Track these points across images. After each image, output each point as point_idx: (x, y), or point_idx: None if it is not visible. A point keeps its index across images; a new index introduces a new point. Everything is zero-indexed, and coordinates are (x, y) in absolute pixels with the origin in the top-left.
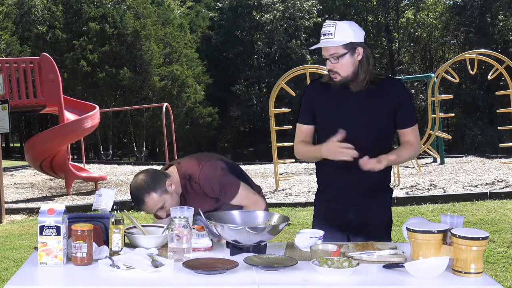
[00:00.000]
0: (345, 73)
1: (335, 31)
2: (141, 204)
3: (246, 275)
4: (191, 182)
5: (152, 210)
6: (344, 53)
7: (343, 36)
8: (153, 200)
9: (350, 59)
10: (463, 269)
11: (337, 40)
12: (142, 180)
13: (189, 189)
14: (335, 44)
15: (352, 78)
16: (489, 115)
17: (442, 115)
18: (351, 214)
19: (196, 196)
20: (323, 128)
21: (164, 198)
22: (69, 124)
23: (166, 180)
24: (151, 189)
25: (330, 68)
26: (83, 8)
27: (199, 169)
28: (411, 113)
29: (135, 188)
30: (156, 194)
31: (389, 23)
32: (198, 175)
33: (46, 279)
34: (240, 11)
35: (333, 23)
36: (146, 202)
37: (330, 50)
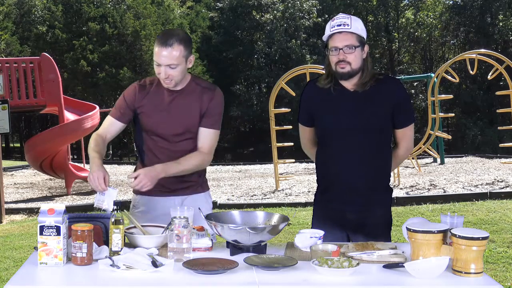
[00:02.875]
0: (355, 65)
1: (351, 23)
2: (168, 43)
3: (246, 275)
4: (197, 81)
5: (168, 59)
6: (358, 45)
7: (358, 30)
8: (179, 51)
9: (360, 53)
10: (463, 269)
11: (354, 31)
12: (182, 31)
13: (189, 88)
14: (355, 31)
15: (357, 72)
16: (489, 115)
17: (442, 115)
18: (351, 213)
19: (189, 97)
20: (322, 129)
21: (182, 60)
22: (69, 124)
23: (191, 53)
24: (185, 43)
25: (342, 58)
26: (83, 8)
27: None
28: (408, 113)
29: (172, 31)
30: (184, 49)
31: (389, 23)
32: (212, 86)
33: (46, 279)
34: (240, 11)
35: (348, 16)
36: (173, 46)
37: (347, 39)
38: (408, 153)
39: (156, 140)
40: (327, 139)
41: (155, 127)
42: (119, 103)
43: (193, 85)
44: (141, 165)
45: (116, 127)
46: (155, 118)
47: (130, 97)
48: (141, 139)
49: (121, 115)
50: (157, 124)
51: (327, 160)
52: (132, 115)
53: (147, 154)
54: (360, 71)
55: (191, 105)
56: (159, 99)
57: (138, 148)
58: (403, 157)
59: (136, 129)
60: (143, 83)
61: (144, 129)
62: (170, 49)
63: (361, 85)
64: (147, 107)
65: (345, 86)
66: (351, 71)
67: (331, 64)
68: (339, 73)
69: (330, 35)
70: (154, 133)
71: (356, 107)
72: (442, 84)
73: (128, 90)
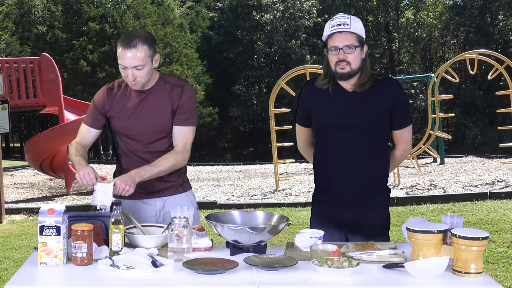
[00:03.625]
0: (354, 65)
1: (351, 23)
2: (131, 45)
3: (246, 275)
4: (165, 79)
5: (133, 60)
6: (357, 45)
7: (358, 30)
8: (143, 51)
9: (360, 53)
10: (463, 269)
11: (353, 31)
12: (144, 31)
13: (158, 86)
14: (355, 31)
15: (357, 72)
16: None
17: (442, 115)
18: (348, 214)
19: (158, 96)
20: (319, 129)
21: (148, 60)
22: (69, 124)
23: (156, 52)
24: (148, 42)
25: (342, 58)
26: (83, 8)
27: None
28: (406, 114)
29: (134, 32)
30: (148, 49)
31: (389, 23)
32: (181, 82)
33: (46, 279)
34: (240, 11)
35: (347, 15)
36: (137, 47)
37: (347, 39)
38: (405, 155)
39: (130, 142)
40: (324, 139)
41: (126, 130)
42: (90, 109)
43: (161, 83)
44: (119, 168)
45: (92, 134)
46: (125, 121)
47: (99, 102)
48: (115, 142)
49: (93, 121)
50: (128, 127)
51: (324, 160)
52: (104, 119)
53: (123, 156)
54: (359, 71)
55: (161, 104)
56: (128, 101)
57: (115, 151)
58: (401, 158)
59: (112, 134)
60: (112, 86)
61: (117, 132)
62: (135, 50)
63: (359, 86)
64: (116, 110)
65: (343, 86)
66: (351, 71)
67: (330, 64)
68: (339, 73)
69: (330, 35)
70: (126, 135)
71: (354, 107)
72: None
73: (97, 95)
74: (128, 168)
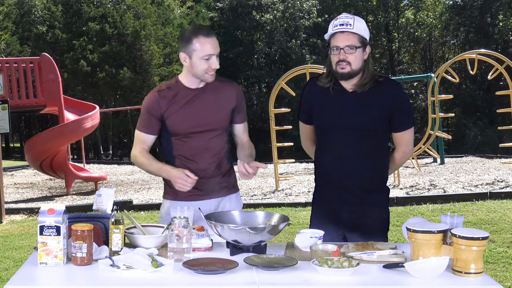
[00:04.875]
0: (355, 66)
1: (353, 23)
2: (211, 33)
3: (246, 275)
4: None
5: (217, 47)
6: (359, 46)
7: (360, 30)
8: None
9: (361, 54)
10: (463, 269)
11: (356, 31)
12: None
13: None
14: (356, 31)
15: (358, 73)
16: (489, 115)
17: (442, 115)
18: (346, 213)
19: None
20: (319, 128)
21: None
22: (69, 124)
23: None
24: None
25: (343, 58)
26: (83, 8)
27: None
28: (407, 117)
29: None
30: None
31: (389, 23)
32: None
33: (46, 279)
34: (240, 11)
35: (351, 16)
36: (214, 36)
37: (349, 39)
38: (406, 157)
39: (187, 141)
40: (324, 138)
41: (185, 128)
42: (142, 116)
43: (213, 81)
44: None
45: (150, 141)
46: (183, 118)
47: (153, 107)
48: (169, 145)
49: (149, 127)
50: (188, 125)
51: (323, 159)
52: (159, 123)
53: (179, 159)
54: (361, 72)
55: (218, 101)
56: (183, 100)
57: (166, 155)
58: (401, 161)
59: (162, 138)
60: (161, 88)
61: (174, 134)
62: (215, 39)
63: (360, 86)
64: (173, 111)
65: (344, 86)
66: (351, 71)
67: (332, 64)
68: (339, 73)
69: (332, 34)
70: (184, 134)
71: (353, 107)
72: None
73: (149, 100)
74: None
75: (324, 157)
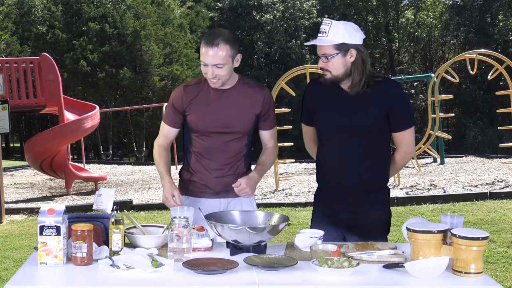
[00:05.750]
0: (335, 72)
1: (329, 30)
2: (214, 44)
3: (246, 275)
4: (245, 81)
5: (215, 58)
6: (335, 53)
7: (336, 36)
8: (225, 50)
9: (341, 60)
10: (463, 269)
11: (329, 40)
12: (228, 31)
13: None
14: (326, 43)
15: (342, 78)
16: (489, 115)
17: (442, 115)
18: (345, 214)
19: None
20: (320, 128)
21: (229, 60)
22: (69, 124)
23: (238, 52)
24: (230, 42)
25: (322, 66)
26: (83, 8)
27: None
28: (406, 117)
29: (218, 31)
30: (230, 49)
31: (389, 23)
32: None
33: (46, 279)
34: (240, 11)
35: (329, 22)
36: (219, 46)
37: (322, 49)
38: (407, 158)
39: (206, 140)
40: (324, 138)
41: (205, 128)
42: (168, 109)
43: (241, 84)
44: (187, 168)
45: (173, 133)
46: (204, 117)
47: (178, 101)
48: (189, 141)
49: (173, 120)
50: (208, 124)
51: (324, 159)
52: (182, 118)
53: (194, 156)
54: (347, 76)
55: (243, 105)
56: (207, 99)
57: (185, 150)
58: (402, 161)
59: (185, 131)
60: (188, 83)
61: (193, 130)
62: (216, 49)
63: (353, 87)
64: (195, 107)
65: (342, 87)
66: (333, 78)
67: None
68: (325, 79)
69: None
70: (204, 133)
71: (352, 108)
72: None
73: (175, 94)
74: (196, 168)
75: (325, 158)
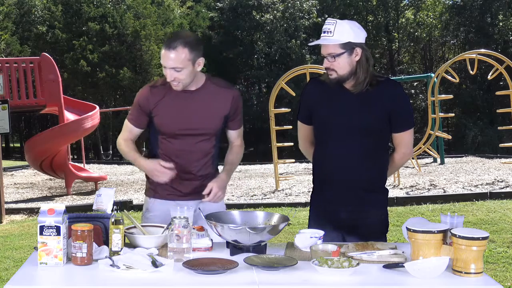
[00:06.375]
0: (341, 72)
1: (334, 30)
2: (172, 46)
3: (246, 275)
4: (213, 81)
5: (173, 61)
6: (341, 52)
7: (342, 35)
8: (184, 53)
9: (347, 59)
10: (463, 269)
11: (335, 39)
12: (190, 34)
13: (205, 88)
14: (332, 42)
15: (348, 77)
16: (489, 115)
17: (442, 115)
18: (345, 214)
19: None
20: (318, 127)
21: (188, 63)
22: (69, 124)
23: (201, 56)
24: (190, 45)
25: (327, 66)
26: (83, 8)
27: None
28: (407, 117)
29: (179, 33)
30: (189, 52)
31: (389, 23)
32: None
33: (46, 279)
34: (240, 11)
35: (334, 22)
36: (177, 49)
37: (328, 48)
38: (406, 159)
39: (174, 142)
40: (323, 137)
41: (173, 130)
42: (133, 108)
43: (208, 85)
44: None
45: (135, 132)
46: (171, 119)
47: (143, 101)
48: (156, 143)
49: (137, 120)
50: (175, 126)
51: (322, 159)
52: (147, 119)
53: (162, 157)
54: (352, 74)
55: (211, 106)
56: (174, 100)
57: (153, 151)
58: (400, 162)
59: (151, 133)
60: (155, 84)
61: (160, 132)
62: (174, 52)
63: (356, 86)
64: (162, 109)
65: (345, 86)
66: (338, 77)
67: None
68: (329, 79)
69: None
70: (171, 135)
71: (352, 107)
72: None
73: (141, 94)
74: None
75: (323, 157)
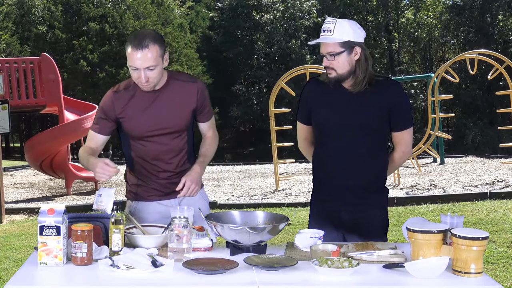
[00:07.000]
0: (341, 70)
1: (334, 29)
2: (143, 46)
3: (246, 275)
4: (176, 77)
5: (146, 61)
6: (341, 51)
7: (341, 34)
8: (155, 51)
9: (346, 58)
10: (463, 269)
11: (334, 38)
12: (152, 30)
13: (169, 85)
14: (332, 41)
15: (347, 76)
16: (489, 115)
17: (442, 115)
18: (345, 213)
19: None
20: (318, 128)
21: (159, 60)
22: (69, 124)
23: (166, 51)
24: (159, 41)
25: (327, 65)
26: (83, 8)
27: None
28: (406, 117)
29: (143, 32)
30: (159, 49)
31: (389, 23)
32: (192, 78)
33: (46, 279)
34: (240, 11)
35: (334, 20)
36: (149, 47)
37: (327, 47)
38: (405, 158)
39: (146, 144)
40: (323, 137)
41: (142, 132)
42: (97, 115)
43: (172, 81)
44: (131, 173)
45: (100, 140)
46: (140, 122)
47: (108, 107)
48: (128, 146)
49: (101, 127)
50: (144, 129)
51: (322, 158)
52: (114, 125)
53: (137, 160)
54: (351, 74)
55: (177, 103)
56: (140, 102)
57: (126, 156)
58: (399, 161)
59: (121, 137)
60: (118, 89)
61: (131, 136)
62: (146, 51)
63: (355, 85)
64: (129, 113)
65: (343, 85)
66: (338, 76)
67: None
68: (328, 78)
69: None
70: (142, 138)
71: (352, 107)
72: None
73: (105, 100)
74: (141, 173)
75: (323, 157)
